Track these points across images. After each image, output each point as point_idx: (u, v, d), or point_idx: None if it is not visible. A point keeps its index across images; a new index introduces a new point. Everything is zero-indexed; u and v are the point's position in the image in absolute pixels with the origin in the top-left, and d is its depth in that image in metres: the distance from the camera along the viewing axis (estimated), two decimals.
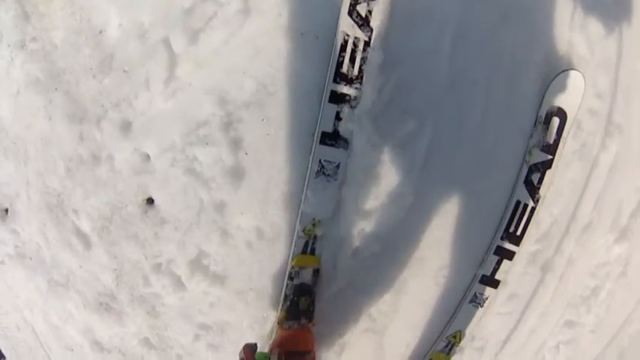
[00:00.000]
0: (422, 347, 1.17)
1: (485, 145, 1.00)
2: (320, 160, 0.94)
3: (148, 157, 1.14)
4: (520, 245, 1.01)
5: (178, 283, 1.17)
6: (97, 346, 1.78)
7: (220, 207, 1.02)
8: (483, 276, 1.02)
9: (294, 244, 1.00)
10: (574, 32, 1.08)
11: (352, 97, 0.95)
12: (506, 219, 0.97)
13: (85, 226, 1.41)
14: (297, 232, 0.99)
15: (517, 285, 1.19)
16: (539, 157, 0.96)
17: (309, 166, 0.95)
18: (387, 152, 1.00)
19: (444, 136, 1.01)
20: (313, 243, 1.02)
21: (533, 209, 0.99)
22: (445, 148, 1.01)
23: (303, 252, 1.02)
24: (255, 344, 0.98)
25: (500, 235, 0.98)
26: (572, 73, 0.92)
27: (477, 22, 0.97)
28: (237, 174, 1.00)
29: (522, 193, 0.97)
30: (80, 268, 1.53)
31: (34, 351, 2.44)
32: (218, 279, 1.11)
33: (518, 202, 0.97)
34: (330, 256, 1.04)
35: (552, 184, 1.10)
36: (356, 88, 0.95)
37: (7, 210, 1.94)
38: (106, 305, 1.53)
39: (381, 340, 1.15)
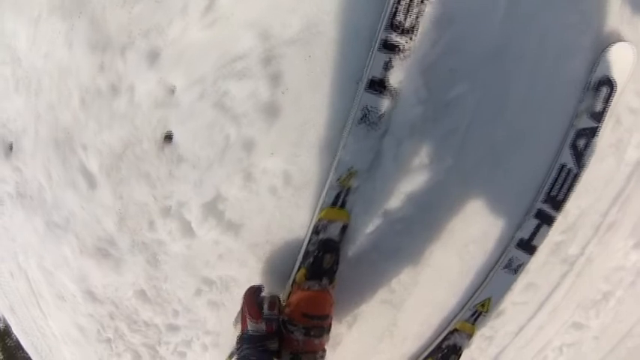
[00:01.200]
0: (437, 327, 1.05)
1: (532, 108, 0.92)
2: (365, 107, 0.85)
3: (172, 89, 1.00)
4: (560, 211, 0.94)
5: (187, 229, 1.03)
6: (90, 295, 1.61)
7: (249, 145, 0.89)
8: (521, 240, 0.93)
9: (324, 194, 0.88)
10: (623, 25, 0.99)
11: (404, 48, 0.86)
12: (549, 182, 0.90)
13: (93, 163, 1.25)
14: (331, 181, 0.87)
15: (536, 274, 1.09)
16: (586, 123, 0.91)
17: (353, 112, 0.85)
18: (432, 109, 0.90)
19: (491, 98, 0.92)
20: (345, 195, 0.89)
21: (576, 175, 0.92)
22: (491, 110, 0.91)
23: (333, 204, 0.89)
24: (261, 286, 0.85)
25: (542, 198, 0.90)
26: (624, 45, 0.88)
27: None
28: (272, 111, 0.87)
29: (567, 157, 0.90)
30: (82, 210, 1.37)
31: (26, 299, 2.24)
32: (232, 227, 0.97)
33: (562, 166, 0.90)
34: (361, 213, 0.92)
35: (583, 177, 1.01)
36: (409, 39, 0.86)
37: (11, 146, 1.77)
38: (104, 251, 1.37)
39: (396, 315, 1.03)
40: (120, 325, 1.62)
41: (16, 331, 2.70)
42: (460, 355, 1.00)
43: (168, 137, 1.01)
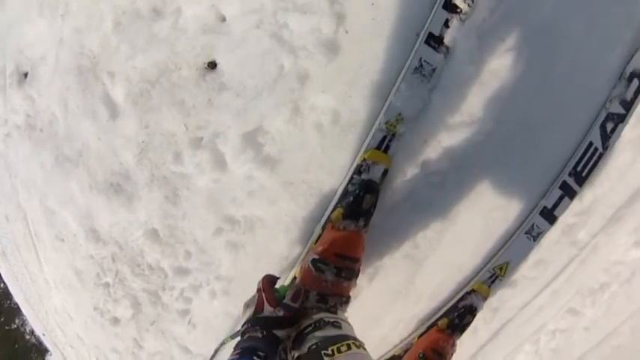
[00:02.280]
0: (451, 290, 1.02)
1: (570, 85, 0.92)
2: (420, 58, 0.84)
3: (224, 16, 0.93)
4: (582, 187, 0.95)
5: (219, 162, 0.96)
6: (93, 235, 1.50)
7: (303, 78, 0.85)
8: (544, 208, 0.93)
9: (371, 135, 0.85)
10: None
11: (463, 11, 0.86)
12: (577, 157, 0.91)
13: (118, 91, 1.17)
14: (380, 123, 0.85)
15: (547, 252, 1.09)
16: (617, 108, 0.92)
17: (409, 61, 0.84)
18: (481, 73, 0.89)
19: (534, 71, 0.92)
20: (390, 140, 0.87)
21: (601, 155, 0.93)
22: (532, 83, 0.91)
23: (378, 147, 0.86)
24: (277, 277, 0.82)
25: (568, 171, 0.92)
26: None
27: None
28: (331, 48, 0.84)
29: (595, 136, 0.91)
30: (98, 141, 1.28)
31: (21, 243, 2.09)
32: (269, 162, 0.91)
33: (590, 144, 0.91)
34: (402, 160, 0.90)
35: (599, 168, 1.01)
36: (470, 2, 0.86)
37: (26, 74, 1.64)
38: (116, 186, 1.28)
39: (416, 272, 1.00)
40: (122, 268, 1.52)
41: (6, 278, 2.52)
42: (475, 315, 0.98)
43: (212, 65, 0.95)
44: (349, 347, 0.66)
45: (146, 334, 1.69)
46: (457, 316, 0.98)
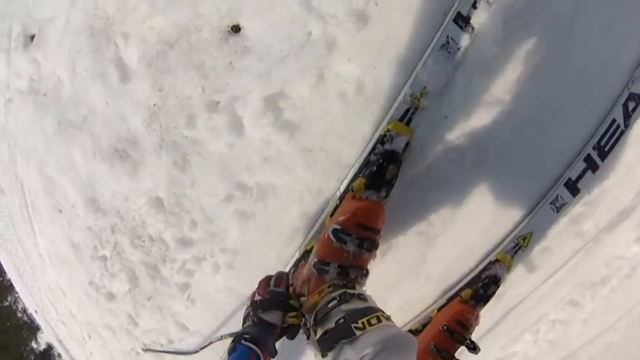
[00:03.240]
0: (461, 272, 0.99)
1: (596, 66, 0.91)
2: (448, 36, 0.82)
3: None
4: (604, 162, 0.94)
5: (236, 126, 0.93)
6: (93, 205, 1.44)
7: (330, 45, 0.83)
8: (569, 179, 0.92)
9: (395, 106, 0.83)
10: None
11: None
12: (601, 132, 0.91)
13: (131, 53, 1.12)
14: (405, 95, 0.82)
15: (553, 239, 1.07)
16: (639, 89, 0.92)
17: (437, 37, 0.82)
18: (505, 54, 0.88)
19: (558, 51, 0.90)
20: (413, 113, 0.84)
21: (622, 132, 0.93)
22: (556, 64, 0.89)
23: (401, 119, 0.84)
24: (286, 274, 0.81)
25: (592, 145, 0.91)
26: None
27: None
28: (361, 18, 0.82)
29: (618, 114, 0.91)
30: (106, 106, 1.22)
31: (16, 215, 2.00)
32: (288, 128, 0.88)
33: (613, 120, 0.91)
34: (423, 134, 0.87)
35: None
36: None
37: (32, 37, 1.57)
38: (122, 152, 1.22)
39: (427, 250, 0.97)
40: (121, 239, 1.46)
41: None
42: (499, 286, 0.95)
43: (235, 28, 0.91)
44: (379, 320, 0.63)
45: (142, 310, 1.63)
46: (481, 286, 0.94)
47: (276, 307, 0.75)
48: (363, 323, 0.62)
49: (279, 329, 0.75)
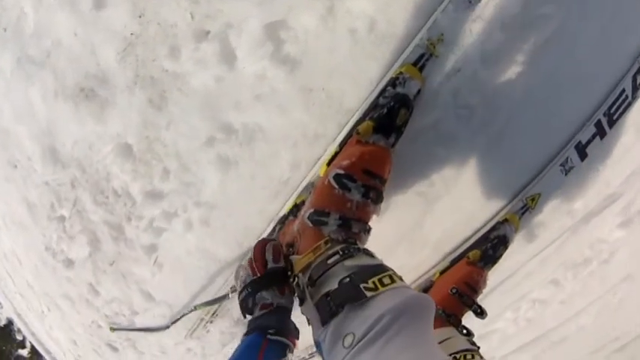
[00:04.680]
0: (456, 242, 0.91)
1: (610, 37, 0.84)
2: None
3: None
4: (611, 129, 0.89)
5: (228, 57, 0.78)
6: (52, 156, 1.23)
7: None
8: (579, 142, 0.86)
9: (410, 49, 0.72)
10: None
11: None
12: (610, 100, 0.85)
13: None
14: (421, 39, 0.71)
15: (547, 215, 1.01)
16: None
17: None
18: (526, 13, 0.78)
19: (576, 20, 0.82)
20: (427, 59, 0.73)
21: (630, 103, 0.88)
22: (574, 31, 0.81)
23: (414, 64, 0.72)
24: (274, 240, 0.69)
25: (602, 112, 0.85)
26: None
27: None
28: None
29: (628, 85, 0.86)
30: (74, 37, 1.03)
31: None
32: (288, 63, 0.74)
33: (623, 90, 0.86)
34: (435, 83, 0.76)
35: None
36: None
37: None
38: (89, 91, 1.04)
39: (426, 214, 0.87)
40: (81, 195, 1.26)
41: None
42: (507, 247, 0.87)
43: None
44: (392, 279, 0.51)
45: (103, 277, 1.43)
46: (490, 247, 0.85)
47: (280, 285, 0.64)
48: (374, 283, 0.50)
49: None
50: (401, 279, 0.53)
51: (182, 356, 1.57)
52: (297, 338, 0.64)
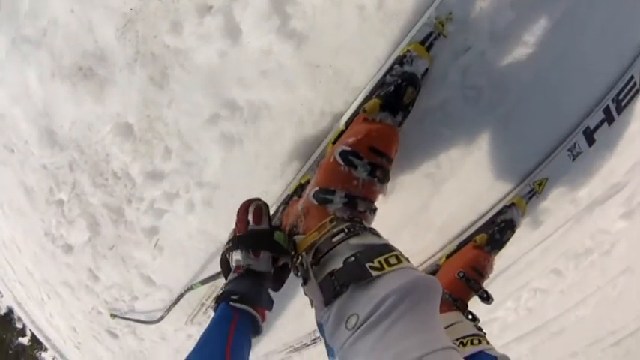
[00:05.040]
0: (461, 226, 0.90)
1: (621, 24, 0.82)
2: None
3: None
4: (620, 116, 0.87)
5: (233, 31, 0.75)
6: (50, 138, 1.20)
7: None
8: (587, 128, 0.84)
9: (418, 27, 0.69)
10: None
11: None
12: (620, 86, 0.84)
13: None
14: (430, 17, 0.68)
15: (551, 202, 0.99)
16: None
17: None
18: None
19: (584, 5, 0.79)
20: (435, 39, 0.71)
21: (637, 90, 0.86)
22: (584, 17, 0.79)
23: (422, 43, 0.70)
24: (259, 199, 0.68)
25: (611, 97, 0.84)
26: None
27: None
28: None
29: (636, 72, 0.85)
30: (71, 15, 0.99)
31: None
32: (294, 38, 0.72)
33: (631, 77, 0.84)
34: (443, 63, 0.73)
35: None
36: None
37: None
38: (87, 70, 1.00)
39: (432, 197, 0.85)
40: (80, 178, 1.23)
41: None
42: (514, 232, 0.85)
43: None
44: (399, 260, 0.49)
45: (103, 262, 1.41)
46: (497, 230, 0.84)
47: (260, 247, 0.62)
48: (380, 262, 0.48)
49: (271, 274, 0.63)
50: (407, 260, 0.51)
51: (182, 342, 1.56)
52: (269, 309, 0.61)
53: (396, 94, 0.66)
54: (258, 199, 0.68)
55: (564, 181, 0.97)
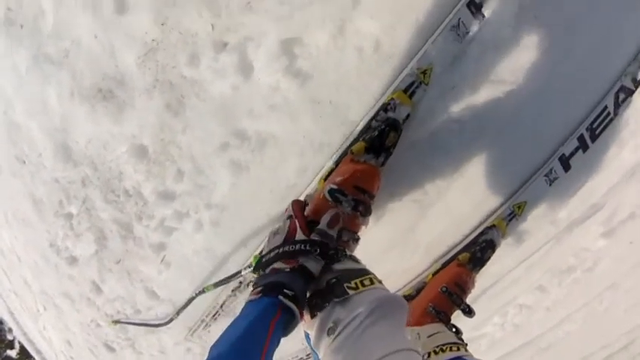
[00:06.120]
0: (447, 246, 0.99)
1: (594, 58, 0.95)
2: (459, 19, 0.83)
3: None
4: (594, 143, 0.98)
5: (245, 68, 0.86)
6: (64, 152, 1.29)
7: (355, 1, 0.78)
8: (563, 154, 0.95)
9: (401, 78, 0.82)
10: None
11: None
12: (593, 116, 0.95)
13: None
14: (412, 68, 0.81)
15: (532, 223, 1.10)
16: (628, 83, 0.98)
17: (449, 17, 0.82)
18: (513, 39, 0.87)
19: (560, 43, 0.92)
20: (417, 87, 0.83)
21: (611, 119, 0.97)
22: (558, 52, 0.91)
23: (405, 91, 0.83)
24: (306, 203, 0.77)
25: (585, 126, 0.95)
26: None
27: None
28: None
29: (610, 102, 0.96)
30: (94, 39, 1.10)
31: None
32: (301, 75, 0.83)
33: (605, 107, 0.95)
34: (427, 105, 0.86)
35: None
36: None
37: None
38: (107, 92, 1.10)
39: (419, 220, 0.96)
40: (92, 193, 1.32)
41: None
42: (494, 251, 0.95)
43: None
44: (372, 282, 0.61)
45: (108, 275, 1.48)
46: (479, 250, 0.94)
47: (325, 254, 0.63)
48: (356, 284, 0.59)
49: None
50: (380, 282, 0.63)
51: (181, 356, 1.61)
52: (303, 318, 0.59)
53: (380, 139, 0.78)
54: (338, 210, 0.71)
55: (543, 203, 1.08)
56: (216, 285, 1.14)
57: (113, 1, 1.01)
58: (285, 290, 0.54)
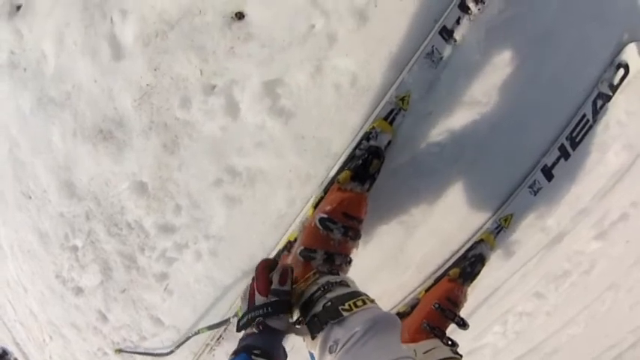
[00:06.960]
0: (436, 263, 1.06)
1: (569, 69, 1.00)
2: (433, 46, 0.90)
3: None
4: (575, 151, 1.04)
5: (232, 109, 0.95)
6: (68, 189, 1.38)
7: (331, 39, 0.88)
8: (545, 165, 1.01)
9: (381, 105, 0.89)
10: None
11: (474, 13, 0.94)
12: (573, 124, 1.01)
13: (128, 31, 1.12)
14: (390, 96, 0.89)
15: (522, 233, 1.16)
16: (605, 89, 1.03)
17: (423, 45, 0.89)
18: (485, 61, 0.95)
19: (531, 61, 0.97)
20: (396, 113, 0.91)
21: (590, 126, 1.03)
22: (533, 69, 0.97)
23: (385, 118, 0.90)
24: (276, 261, 0.82)
25: (565, 136, 1.01)
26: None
27: None
28: (361, 17, 0.88)
29: (588, 110, 1.02)
30: (93, 83, 1.20)
31: None
32: (284, 114, 0.91)
33: (584, 115, 1.01)
34: (407, 131, 0.93)
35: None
36: (480, 7, 0.93)
37: (19, 7, 1.50)
38: (107, 133, 1.19)
39: (406, 240, 1.02)
40: (96, 227, 1.41)
41: None
42: (484, 264, 1.01)
43: (239, 15, 0.93)
44: (364, 302, 0.67)
45: (113, 304, 1.56)
46: (469, 264, 1.00)
47: (283, 311, 0.70)
48: (349, 305, 0.65)
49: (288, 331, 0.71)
50: (373, 301, 0.70)
51: None
52: None
53: (364, 166, 0.86)
54: (288, 265, 0.77)
55: (530, 214, 1.14)
56: (210, 328, 1.25)
57: (110, 48, 1.11)
58: (253, 351, 0.63)
